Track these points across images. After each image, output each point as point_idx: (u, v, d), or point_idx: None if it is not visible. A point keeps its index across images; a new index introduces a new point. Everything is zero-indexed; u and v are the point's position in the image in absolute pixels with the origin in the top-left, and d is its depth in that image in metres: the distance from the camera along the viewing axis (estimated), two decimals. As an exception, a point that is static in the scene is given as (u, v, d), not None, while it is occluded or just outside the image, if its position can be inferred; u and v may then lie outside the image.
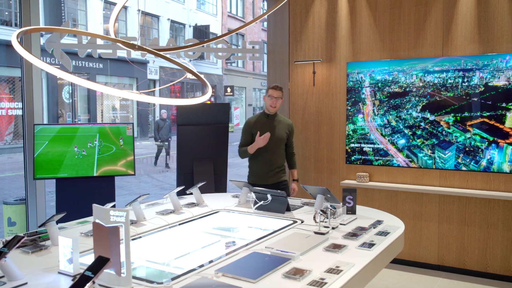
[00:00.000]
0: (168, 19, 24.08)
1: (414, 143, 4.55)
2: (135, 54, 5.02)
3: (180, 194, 3.75)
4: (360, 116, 4.80)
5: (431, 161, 4.48)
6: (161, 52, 2.65)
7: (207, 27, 26.08)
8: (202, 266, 2.15)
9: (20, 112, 14.05)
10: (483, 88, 4.21)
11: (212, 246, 2.77)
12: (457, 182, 4.43)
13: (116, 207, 2.20)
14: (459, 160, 4.35)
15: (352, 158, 4.88)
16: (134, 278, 1.98)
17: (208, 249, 2.73)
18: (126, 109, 21.03)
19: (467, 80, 4.27)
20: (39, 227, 2.53)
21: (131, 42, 2.46)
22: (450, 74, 4.34)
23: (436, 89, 4.41)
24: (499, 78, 4.13)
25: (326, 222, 2.80)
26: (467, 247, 4.43)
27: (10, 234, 4.72)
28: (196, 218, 3.15)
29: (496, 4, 4.18)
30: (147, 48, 2.47)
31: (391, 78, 4.62)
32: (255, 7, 31.67)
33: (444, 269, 4.53)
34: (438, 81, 4.40)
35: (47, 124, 5.13)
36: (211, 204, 3.49)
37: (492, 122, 4.18)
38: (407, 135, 4.58)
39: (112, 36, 2.61)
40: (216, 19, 28.22)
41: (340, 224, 2.88)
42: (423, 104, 4.48)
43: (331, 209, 2.83)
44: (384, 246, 2.49)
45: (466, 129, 4.30)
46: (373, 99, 4.73)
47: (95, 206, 2.00)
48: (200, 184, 3.56)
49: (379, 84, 4.68)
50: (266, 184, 4.01)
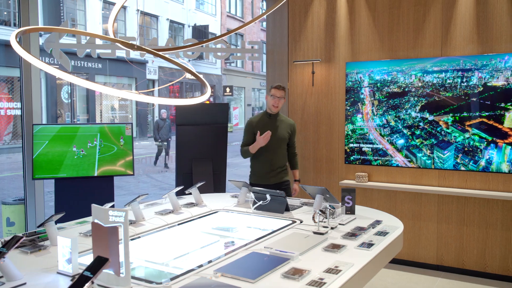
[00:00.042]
0: (167, 19, 24.08)
1: (413, 143, 4.55)
2: (134, 54, 5.02)
3: (179, 194, 3.75)
4: (359, 116, 4.80)
5: (430, 161, 4.48)
6: (160, 52, 2.65)
7: (206, 27, 26.07)
8: (201, 266, 2.15)
9: (19, 112, 14.04)
10: (482, 88, 4.21)
11: (211, 246, 2.77)
12: (456, 182, 4.44)
13: (115, 207, 2.20)
14: (458, 160, 4.35)
15: (351, 158, 4.88)
16: (133, 278, 1.97)
17: (207, 249, 2.73)
18: (125, 109, 21.02)
19: (466, 80, 4.27)
20: (38, 227, 2.53)
21: (130, 42, 2.46)
22: (449, 74, 4.35)
23: (435, 89, 4.42)
24: (498, 78, 4.14)
25: (325, 222, 2.80)
26: (466, 247, 4.43)
27: (9, 234, 4.71)
28: (195, 218, 3.15)
29: (495, 4, 4.18)
30: (146, 48, 2.47)
31: (390, 78, 4.62)
32: (254, 7, 31.68)
33: (443, 269, 4.54)
34: (437, 81, 4.40)
35: (47, 124, 5.12)
36: (210, 204, 3.49)
37: (491, 122, 4.19)
38: (406, 135, 4.58)
39: (111, 36, 2.61)
40: (215, 19, 28.22)
41: (339, 224, 2.88)
42: (422, 104, 4.48)
43: (330, 209, 2.83)
44: (383, 246, 2.49)
45: (465, 129, 4.30)
46: (372, 99, 4.73)
47: (94, 206, 1.99)
48: (199, 184, 3.56)
49: (378, 84, 4.68)
50: (268, 184, 4.00)
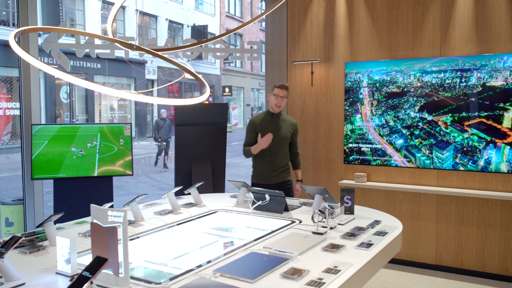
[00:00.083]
0: (166, 19, 24.07)
1: (412, 143, 4.55)
2: (133, 54, 5.02)
3: (178, 194, 3.75)
4: (358, 116, 4.81)
5: (429, 161, 4.49)
6: (159, 52, 2.65)
7: (205, 27, 26.07)
8: (200, 266, 2.15)
9: (17, 112, 14.02)
10: (480, 88, 4.22)
11: (210, 246, 2.77)
12: (455, 182, 4.44)
13: (114, 207, 2.20)
14: (457, 160, 4.35)
15: (350, 158, 4.89)
16: (132, 278, 1.97)
17: (206, 249, 2.73)
18: (124, 109, 21.02)
19: (465, 80, 4.28)
20: (37, 227, 2.53)
21: (129, 42, 2.46)
22: (448, 74, 4.35)
23: (434, 89, 4.42)
24: (497, 78, 4.14)
25: (324, 222, 2.80)
26: (465, 247, 4.44)
27: (8, 234, 4.71)
28: (194, 218, 3.14)
29: (494, 4, 4.19)
30: (145, 48, 2.47)
31: (389, 78, 4.62)
32: (253, 7, 31.68)
33: (442, 269, 4.54)
34: (436, 81, 4.40)
35: (46, 124, 5.11)
36: (209, 204, 3.49)
37: (489, 122, 4.19)
38: (405, 135, 4.58)
39: (110, 36, 2.61)
40: (214, 19, 28.21)
41: (338, 224, 2.88)
42: (421, 104, 4.48)
43: (329, 209, 2.83)
44: (382, 246, 2.49)
45: (464, 129, 4.31)
46: (371, 99, 4.73)
47: (93, 206, 1.99)
48: (198, 184, 3.56)
49: (377, 84, 4.68)
50: (271, 184, 4.00)
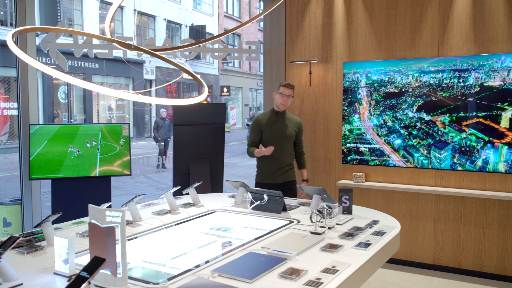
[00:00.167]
0: (164, 19, 24.04)
1: (410, 143, 4.56)
2: (131, 54, 5.01)
3: (177, 194, 3.75)
4: (356, 116, 4.81)
5: (427, 161, 4.49)
6: (157, 52, 2.65)
7: (204, 27, 26.06)
8: (198, 266, 2.15)
9: (15, 112, 14.00)
10: (478, 88, 4.22)
11: (208, 246, 2.77)
12: (452, 182, 4.45)
13: (112, 208, 2.19)
14: (455, 160, 4.36)
15: (348, 158, 4.89)
16: (130, 278, 1.97)
17: (204, 249, 2.73)
18: (122, 109, 20.99)
19: (463, 80, 4.28)
20: (35, 227, 2.53)
21: (127, 42, 2.46)
22: (445, 75, 4.36)
23: (432, 89, 4.43)
24: (495, 78, 4.15)
25: (322, 222, 2.80)
26: (462, 247, 4.44)
27: (6, 234, 4.70)
28: (192, 218, 3.14)
29: (492, 5, 4.20)
30: (143, 48, 2.46)
31: (387, 78, 4.63)
32: (251, 7, 31.67)
33: (440, 268, 4.55)
34: (434, 81, 4.41)
35: (44, 124, 5.10)
36: (208, 204, 3.49)
37: (487, 122, 4.20)
38: (403, 135, 4.59)
39: (108, 36, 2.61)
40: (213, 19, 28.20)
41: (336, 224, 2.88)
42: (419, 104, 4.49)
43: (327, 209, 2.84)
44: (380, 246, 2.49)
45: (461, 129, 4.31)
46: (369, 99, 4.74)
47: (91, 206, 1.99)
48: (196, 184, 3.56)
49: (375, 84, 4.69)
50: (276, 184, 3.99)
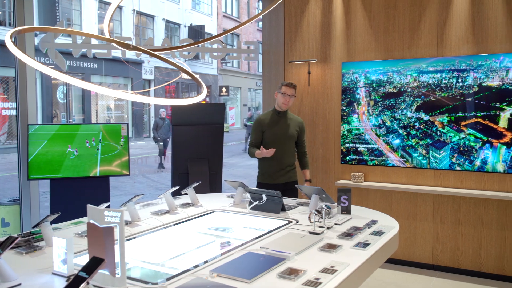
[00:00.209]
0: (163, 19, 24.04)
1: (409, 143, 4.56)
2: (130, 54, 5.01)
3: (175, 194, 3.74)
4: (355, 116, 4.81)
5: (425, 161, 4.50)
6: (156, 52, 2.65)
7: (202, 27, 26.07)
8: (197, 266, 2.15)
9: (14, 112, 13.98)
10: (477, 88, 4.23)
11: (207, 246, 2.77)
12: (451, 182, 4.46)
13: (111, 208, 2.19)
14: (454, 160, 4.37)
15: (347, 158, 4.89)
16: (129, 278, 1.97)
17: (203, 249, 2.73)
18: (121, 109, 20.98)
19: (462, 80, 4.29)
20: (33, 227, 2.52)
21: (126, 42, 2.46)
22: (444, 75, 4.36)
23: (431, 89, 4.43)
24: (493, 78, 4.15)
25: (321, 222, 2.80)
26: (461, 247, 4.45)
27: (4, 235, 4.69)
28: (191, 219, 3.14)
29: (490, 5, 4.20)
30: (142, 48, 2.46)
31: (385, 78, 4.63)
32: (250, 7, 31.68)
33: (439, 268, 4.55)
34: (433, 81, 4.41)
35: (42, 124, 5.09)
36: (206, 204, 3.49)
37: (486, 122, 4.20)
38: (402, 135, 4.59)
39: (107, 36, 2.61)
40: (211, 19, 28.20)
41: (335, 224, 2.88)
42: (418, 104, 4.50)
43: (326, 209, 2.84)
44: (378, 246, 2.49)
45: (460, 129, 4.32)
46: (368, 99, 4.74)
47: (89, 206, 1.99)
48: (195, 184, 3.56)
49: (374, 84, 4.69)
50: (278, 184, 3.99)
